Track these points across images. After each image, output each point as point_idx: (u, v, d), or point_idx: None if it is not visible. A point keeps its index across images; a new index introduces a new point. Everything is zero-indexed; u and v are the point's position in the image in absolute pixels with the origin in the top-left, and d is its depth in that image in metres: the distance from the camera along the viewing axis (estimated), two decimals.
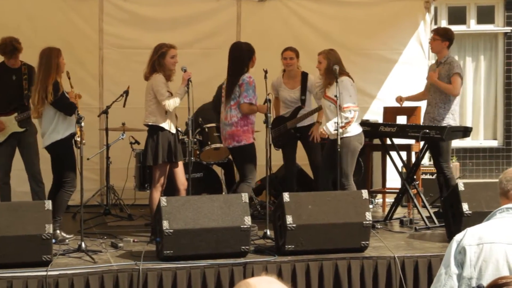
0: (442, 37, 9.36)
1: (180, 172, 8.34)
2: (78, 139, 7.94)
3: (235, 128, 8.42)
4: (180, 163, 8.35)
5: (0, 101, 8.95)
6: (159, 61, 8.14)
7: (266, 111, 8.34)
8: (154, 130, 8.19)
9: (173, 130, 8.23)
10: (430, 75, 9.37)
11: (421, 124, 9.52)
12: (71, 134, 8.02)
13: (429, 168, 10.67)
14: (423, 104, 9.86)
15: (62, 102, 7.98)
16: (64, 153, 8.08)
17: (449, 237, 8.02)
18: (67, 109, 8.02)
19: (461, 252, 3.76)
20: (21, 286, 6.58)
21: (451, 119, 9.21)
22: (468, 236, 3.80)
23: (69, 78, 8.21)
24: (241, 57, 8.47)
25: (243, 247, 7.26)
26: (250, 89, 8.34)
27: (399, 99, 9.71)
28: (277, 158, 9.56)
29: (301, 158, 9.74)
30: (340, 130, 8.29)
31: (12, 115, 8.92)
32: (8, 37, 8.95)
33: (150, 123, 8.23)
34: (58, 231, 7.97)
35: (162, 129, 8.17)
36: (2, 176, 9.00)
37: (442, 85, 9.22)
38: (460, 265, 3.76)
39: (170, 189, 8.45)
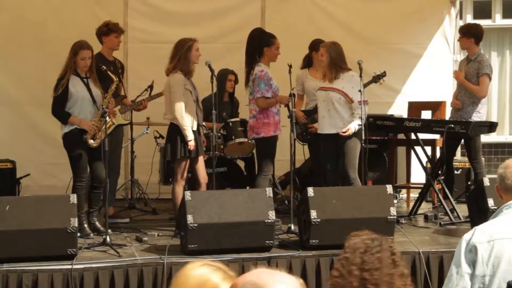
0: (467, 34, 9.23)
1: (201, 166, 8.32)
2: (88, 138, 7.92)
3: (255, 120, 8.51)
4: (201, 158, 8.32)
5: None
6: (186, 55, 8.12)
7: (286, 102, 8.36)
8: (174, 126, 8.17)
9: (194, 127, 8.16)
10: (457, 74, 9.28)
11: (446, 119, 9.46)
12: (76, 128, 7.98)
13: (454, 163, 10.60)
14: (448, 99, 9.79)
15: (53, 101, 7.97)
16: (69, 147, 8.06)
17: None
18: (52, 109, 8.00)
19: (472, 250, 3.76)
20: (47, 279, 6.61)
21: (477, 118, 9.09)
22: (478, 234, 3.81)
23: (105, 71, 8.20)
24: (252, 43, 8.54)
25: (267, 241, 7.26)
26: (261, 83, 8.36)
27: (455, 103, 9.32)
28: (301, 153, 9.55)
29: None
30: (359, 127, 8.26)
31: (116, 107, 8.65)
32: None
33: (169, 120, 8.22)
34: (85, 225, 8.00)
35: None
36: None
37: (469, 86, 9.09)
38: (472, 264, 3.76)
39: (195, 183, 8.45)
